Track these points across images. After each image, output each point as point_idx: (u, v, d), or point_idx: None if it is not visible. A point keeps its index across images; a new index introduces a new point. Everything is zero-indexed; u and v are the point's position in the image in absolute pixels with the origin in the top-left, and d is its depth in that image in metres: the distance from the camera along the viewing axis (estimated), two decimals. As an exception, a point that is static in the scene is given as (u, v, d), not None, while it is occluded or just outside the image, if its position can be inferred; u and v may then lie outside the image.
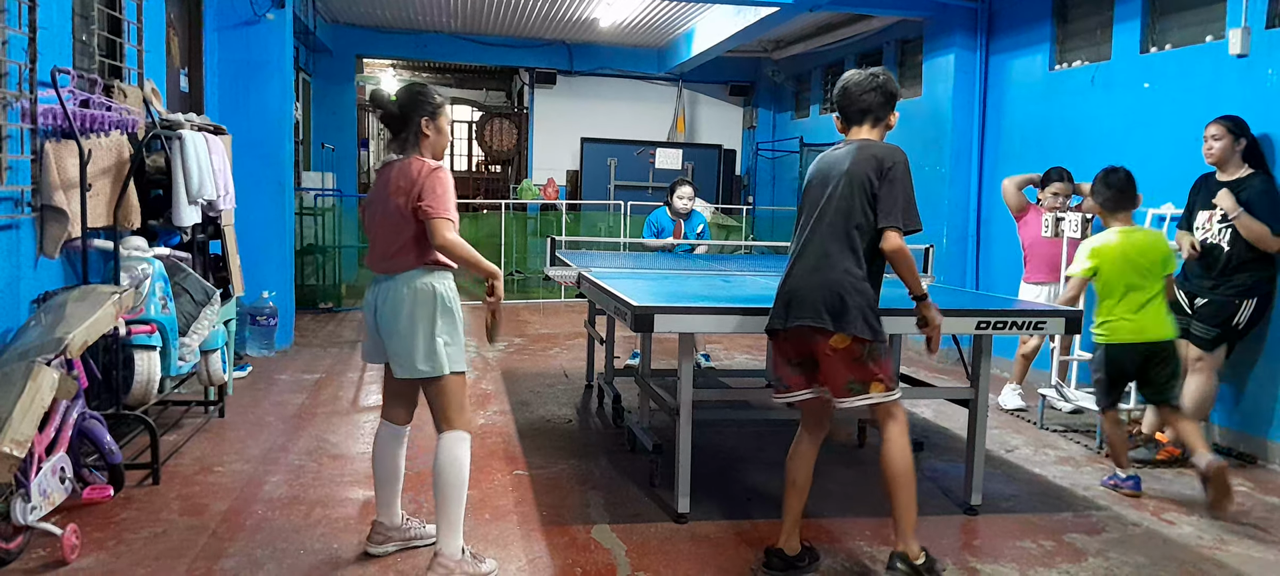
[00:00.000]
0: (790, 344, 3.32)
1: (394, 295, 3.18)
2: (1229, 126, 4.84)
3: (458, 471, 3.20)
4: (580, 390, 6.33)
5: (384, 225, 3.22)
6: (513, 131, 14.10)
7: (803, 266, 3.27)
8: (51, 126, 4.14)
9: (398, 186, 3.16)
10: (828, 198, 3.24)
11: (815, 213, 3.28)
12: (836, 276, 3.17)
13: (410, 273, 3.18)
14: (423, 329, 3.16)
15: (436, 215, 3.09)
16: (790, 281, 3.30)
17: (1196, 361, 4.86)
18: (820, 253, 3.22)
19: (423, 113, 3.24)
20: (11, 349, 3.41)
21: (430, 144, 3.28)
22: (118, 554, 3.38)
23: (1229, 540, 3.87)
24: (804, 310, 3.20)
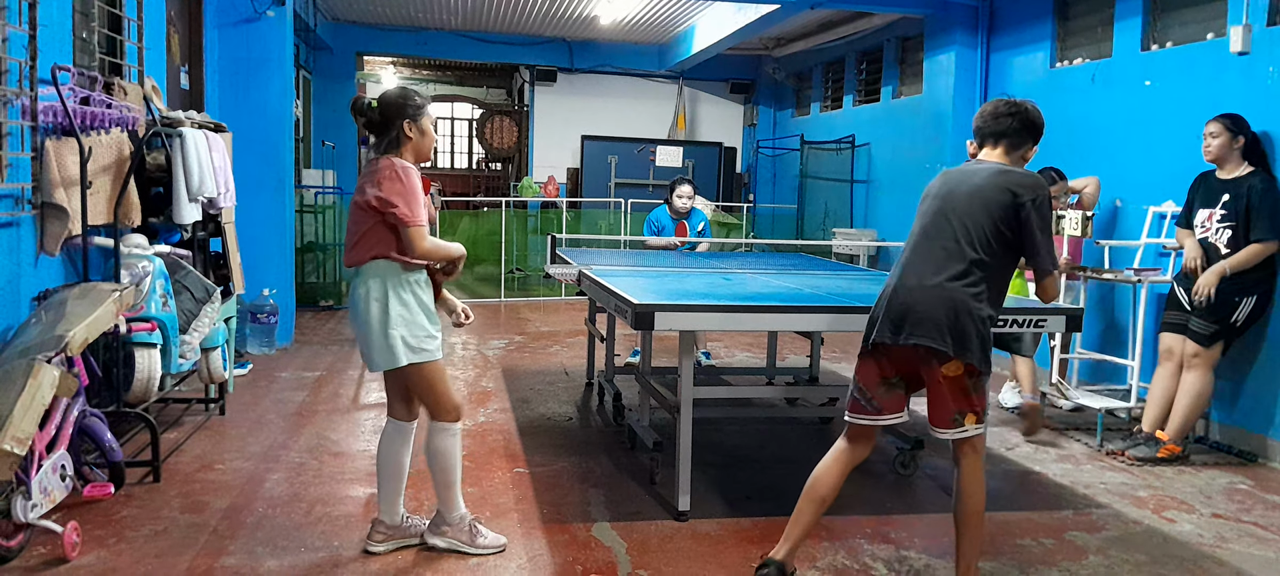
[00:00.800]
0: (892, 362, 3.08)
1: (355, 290, 3.27)
2: (1227, 124, 4.84)
3: (439, 459, 3.37)
4: (581, 388, 6.33)
5: (353, 219, 3.27)
6: (513, 129, 14.10)
7: (918, 281, 3.03)
8: (52, 124, 4.14)
9: (366, 186, 3.20)
10: (953, 213, 3.03)
11: (937, 226, 3.06)
12: (960, 298, 2.95)
13: (368, 266, 3.23)
14: (377, 321, 3.20)
15: (412, 222, 3.13)
16: (903, 294, 3.05)
17: (1192, 357, 4.86)
18: (941, 269, 3.00)
19: (404, 116, 3.25)
20: (12, 346, 3.41)
21: (413, 146, 3.29)
22: (118, 551, 3.38)
23: (1229, 538, 3.87)
24: (922, 328, 2.96)
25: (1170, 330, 5.02)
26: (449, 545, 3.43)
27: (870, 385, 3.13)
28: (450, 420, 3.36)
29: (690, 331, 3.81)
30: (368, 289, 3.22)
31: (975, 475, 3.04)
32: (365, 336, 3.25)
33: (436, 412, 3.34)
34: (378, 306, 3.21)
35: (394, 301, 3.21)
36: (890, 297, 3.10)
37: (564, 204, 11.68)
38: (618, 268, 5.29)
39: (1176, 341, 4.96)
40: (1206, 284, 4.72)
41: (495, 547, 3.47)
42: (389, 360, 3.23)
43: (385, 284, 3.21)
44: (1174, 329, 4.99)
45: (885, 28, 9.80)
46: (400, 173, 3.16)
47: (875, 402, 3.12)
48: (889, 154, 9.52)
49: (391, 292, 3.22)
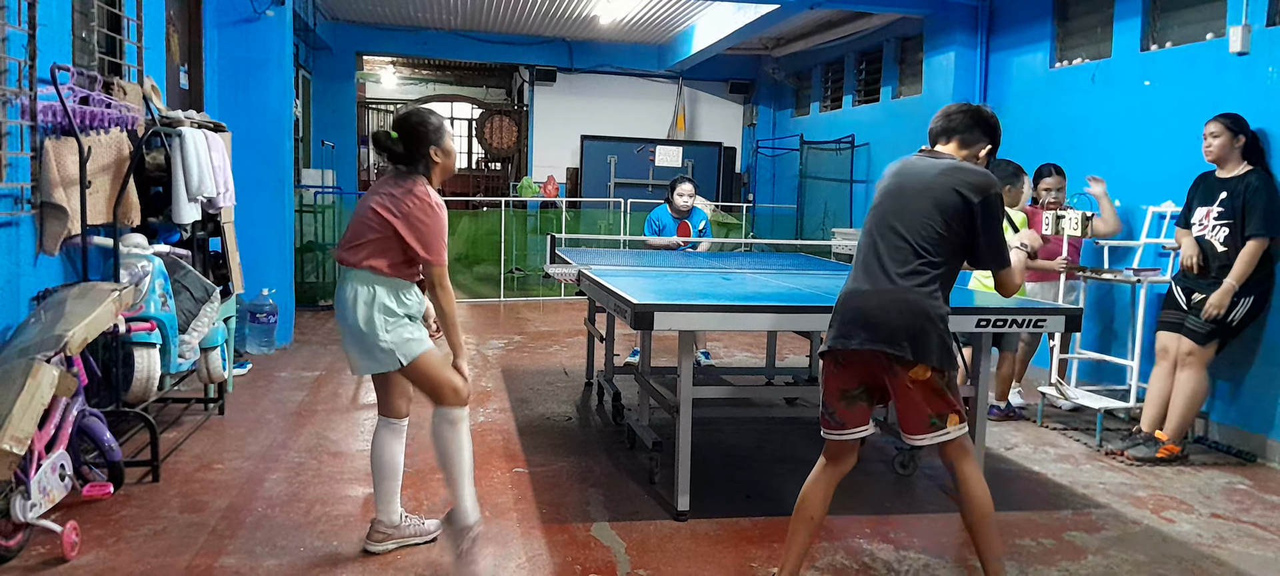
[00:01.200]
0: (852, 371, 2.95)
1: (344, 292, 3.23)
2: (1228, 124, 4.84)
3: (443, 445, 3.26)
4: (580, 387, 6.33)
5: (362, 220, 3.22)
6: (512, 129, 14.10)
7: (873, 283, 2.92)
8: (51, 123, 4.13)
9: (393, 196, 3.18)
10: (904, 211, 2.93)
11: (888, 225, 2.95)
12: (915, 300, 2.84)
13: (365, 271, 3.19)
14: (366, 326, 3.17)
15: (437, 261, 3.17)
16: (857, 298, 2.94)
17: (1187, 355, 4.86)
18: (896, 270, 2.88)
19: (429, 143, 3.25)
20: (11, 346, 3.41)
21: (441, 167, 3.30)
22: (118, 551, 3.38)
23: (1228, 538, 3.87)
24: (879, 334, 2.84)
25: (1166, 328, 5.02)
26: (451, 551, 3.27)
27: (831, 399, 3.00)
28: (454, 404, 3.26)
29: (689, 331, 3.82)
30: (356, 293, 3.19)
31: (975, 476, 2.95)
32: (355, 339, 3.22)
33: (439, 399, 3.27)
34: (366, 310, 3.17)
35: (378, 309, 3.18)
36: (844, 301, 2.99)
37: (563, 204, 11.69)
38: (617, 267, 5.29)
39: (1172, 340, 4.96)
40: (1219, 304, 4.71)
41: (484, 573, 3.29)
42: (382, 365, 3.21)
43: (375, 289, 3.19)
44: (1170, 327, 4.99)
45: (885, 28, 9.80)
46: (437, 210, 3.18)
47: (837, 416, 2.99)
48: (889, 154, 9.50)
49: (383, 299, 3.19)
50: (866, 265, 2.97)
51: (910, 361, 2.82)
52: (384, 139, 3.26)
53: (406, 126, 3.25)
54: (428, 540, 3.49)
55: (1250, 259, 4.68)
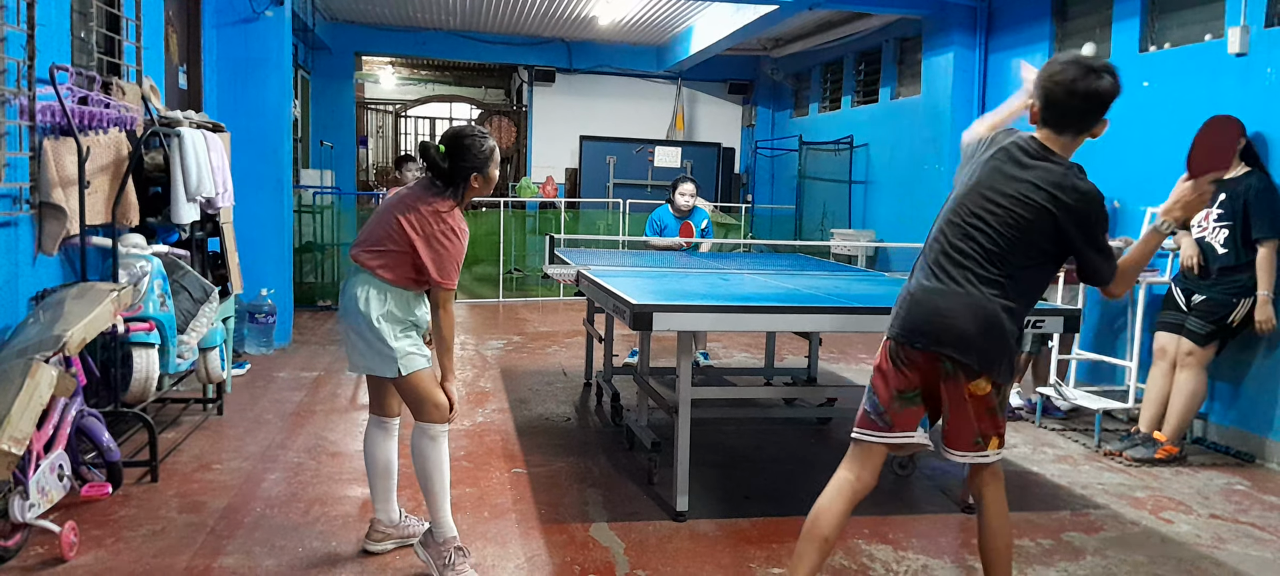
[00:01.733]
0: (916, 372, 2.70)
1: (351, 290, 3.19)
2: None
3: (425, 462, 3.22)
4: (579, 388, 6.33)
5: (385, 227, 3.18)
6: (512, 129, 14.10)
7: (950, 282, 2.64)
8: (50, 123, 4.13)
9: (421, 215, 3.13)
10: (994, 209, 2.61)
11: (973, 218, 2.64)
12: (994, 309, 2.59)
13: (381, 278, 3.16)
14: (376, 328, 3.14)
15: (447, 286, 3.15)
16: (932, 296, 2.67)
17: (1186, 356, 4.86)
18: (976, 273, 2.61)
19: (474, 167, 3.18)
20: (10, 346, 3.41)
21: (474, 192, 3.25)
22: (116, 551, 3.38)
23: (1227, 538, 3.87)
24: (949, 337, 2.60)
25: (1165, 329, 5.03)
26: (425, 562, 3.27)
27: (884, 396, 2.74)
28: (436, 420, 3.23)
29: (689, 332, 3.82)
30: (369, 295, 3.15)
31: (1001, 506, 2.76)
32: (361, 341, 3.17)
33: (424, 414, 3.22)
34: (377, 313, 3.14)
35: (396, 314, 3.18)
36: (914, 297, 2.72)
37: (562, 204, 11.68)
38: (616, 268, 5.30)
39: (1171, 340, 4.97)
40: (1267, 318, 4.68)
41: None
42: (387, 369, 3.17)
43: (386, 295, 3.16)
44: (1169, 328, 5.00)
45: (883, 28, 9.81)
46: (460, 237, 3.15)
47: (887, 416, 2.72)
48: (887, 154, 9.52)
49: (396, 303, 3.18)
50: (942, 261, 2.69)
51: (976, 372, 2.63)
52: (432, 152, 3.16)
53: (457, 144, 3.17)
54: None
55: (1270, 264, 4.67)
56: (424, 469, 3.23)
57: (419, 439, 3.23)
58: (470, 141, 3.18)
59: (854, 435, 2.79)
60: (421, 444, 3.23)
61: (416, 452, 3.24)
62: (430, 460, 3.22)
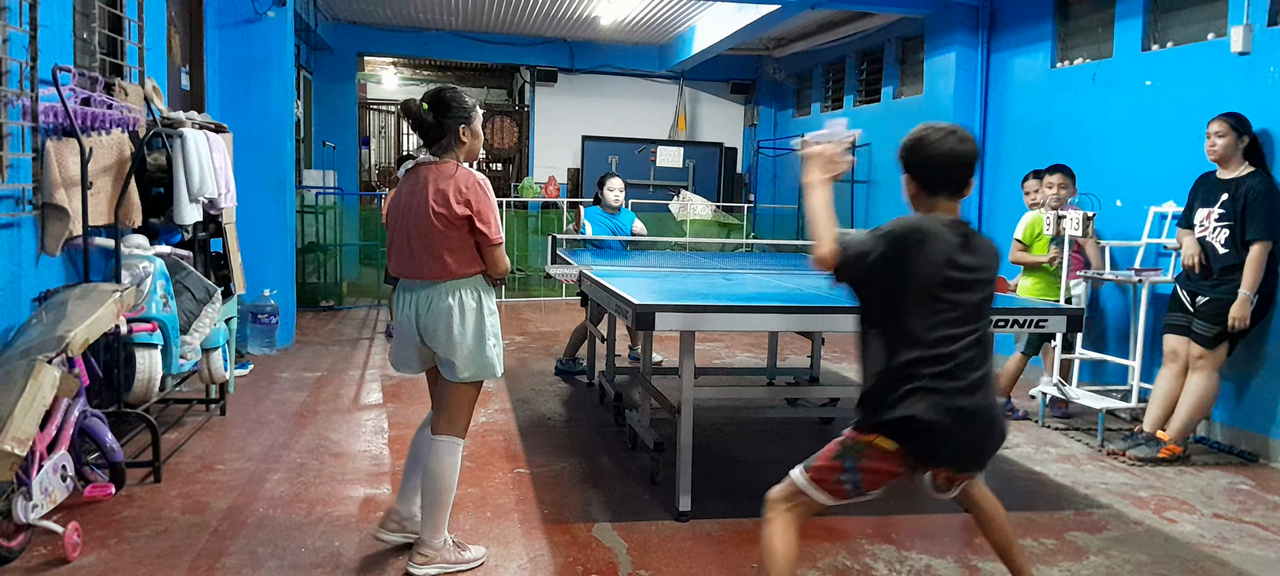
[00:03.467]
0: (919, 472, 2.65)
1: (440, 303, 3.18)
2: (1233, 124, 4.83)
3: (450, 477, 3.28)
4: (581, 388, 6.33)
5: (422, 232, 3.17)
6: (514, 129, 14.10)
7: (982, 397, 2.52)
8: (53, 124, 4.14)
9: (438, 192, 3.13)
10: (985, 302, 2.58)
11: (975, 315, 2.52)
12: (997, 406, 2.61)
13: (456, 282, 3.19)
14: (474, 335, 3.20)
15: (497, 241, 3.19)
16: (982, 421, 2.52)
17: (1197, 359, 4.85)
18: (987, 374, 2.56)
19: (459, 120, 3.22)
20: (13, 347, 3.41)
21: (466, 149, 3.27)
22: (119, 552, 3.39)
23: (1231, 538, 3.87)
24: (981, 459, 2.64)
25: (1174, 331, 5.01)
26: (440, 570, 3.28)
27: (871, 485, 2.61)
28: (463, 437, 3.33)
29: (691, 331, 3.81)
30: (462, 301, 3.18)
31: (991, 496, 2.90)
32: (458, 349, 3.18)
33: (458, 427, 3.30)
34: (475, 319, 3.19)
35: (489, 316, 3.25)
36: (968, 419, 2.49)
37: (565, 204, 11.68)
38: (618, 268, 5.29)
39: (1181, 343, 4.96)
40: (1241, 315, 4.68)
41: (479, 559, 3.39)
42: (486, 372, 3.23)
43: (480, 297, 3.23)
44: (1176, 330, 4.99)
45: (886, 28, 9.79)
46: (486, 189, 3.17)
47: (864, 492, 2.61)
48: (890, 155, 9.49)
49: (486, 306, 3.25)
50: (971, 368, 2.50)
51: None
52: (415, 109, 3.21)
53: (439, 100, 3.21)
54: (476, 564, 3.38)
55: (1258, 264, 4.66)
56: (445, 483, 3.25)
57: (444, 454, 3.26)
58: (452, 95, 3.24)
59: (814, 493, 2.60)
60: (446, 458, 3.26)
61: (439, 466, 3.25)
62: (452, 475, 3.27)
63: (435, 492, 3.26)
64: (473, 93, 17.17)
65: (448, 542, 3.33)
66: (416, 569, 3.27)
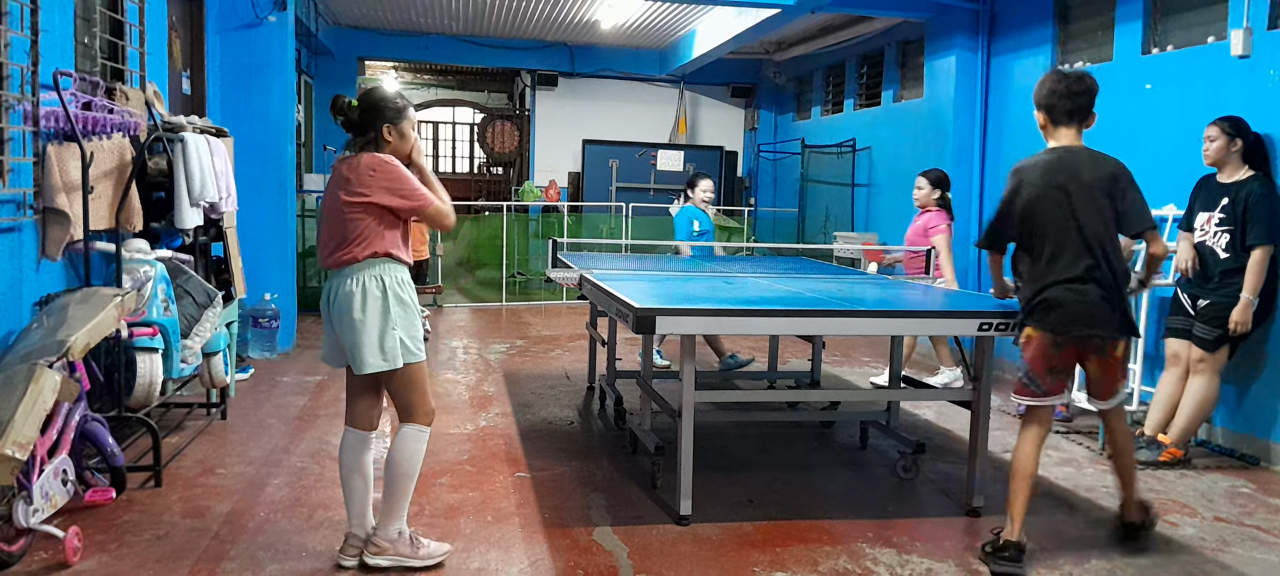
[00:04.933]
0: (1068, 352, 3.51)
1: (344, 290, 3.16)
2: (1226, 128, 4.84)
3: (410, 464, 3.25)
4: (582, 392, 6.33)
5: (332, 220, 3.19)
6: (514, 133, 14.11)
7: (1077, 276, 3.43)
8: (53, 129, 4.14)
9: (342, 179, 3.17)
10: (1080, 207, 3.46)
11: (1069, 222, 3.45)
12: (1113, 286, 3.43)
13: (357, 266, 3.15)
14: (376, 322, 3.13)
15: (419, 204, 3.17)
16: (1074, 291, 3.44)
17: (1198, 362, 4.85)
18: (1095, 262, 3.43)
19: (383, 120, 3.22)
20: (14, 351, 3.42)
21: (392, 149, 3.25)
22: (120, 556, 3.38)
23: (1232, 542, 3.86)
24: (1096, 321, 3.43)
25: (1175, 335, 5.01)
26: (392, 563, 3.26)
27: (1039, 372, 3.52)
28: (426, 422, 3.28)
29: (691, 335, 3.81)
30: (364, 287, 3.12)
31: (1124, 426, 3.74)
32: (358, 337, 3.12)
33: (414, 414, 3.25)
34: (377, 305, 3.12)
35: (394, 301, 3.15)
36: (1068, 293, 3.43)
37: (565, 208, 11.69)
38: (619, 271, 5.30)
39: (1182, 346, 4.95)
40: (1242, 320, 4.68)
41: (440, 555, 3.36)
42: (388, 361, 3.14)
43: (384, 283, 3.15)
44: (1179, 334, 4.98)
45: (886, 31, 9.80)
46: (388, 165, 3.15)
47: (1042, 385, 3.52)
48: (890, 157, 9.51)
49: (391, 292, 3.15)
50: (1068, 261, 3.45)
51: (1118, 339, 3.51)
52: (343, 104, 3.24)
53: (367, 99, 3.26)
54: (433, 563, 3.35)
55: (1259, 268, 4.66)
56: (406, 470, 3.23)
57: (409, 440, 3.24)
58: (380, 94, 3.27)
59: (1017, 399, 3.61)
60: (410, 444, 3.24)
61: (400, 453, 3.23)
62: (414, 460, 3.24)
63: (393, 477, 3.24)
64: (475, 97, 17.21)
65: (404, 535, 3.29)
66: (370, 558, 3.27)
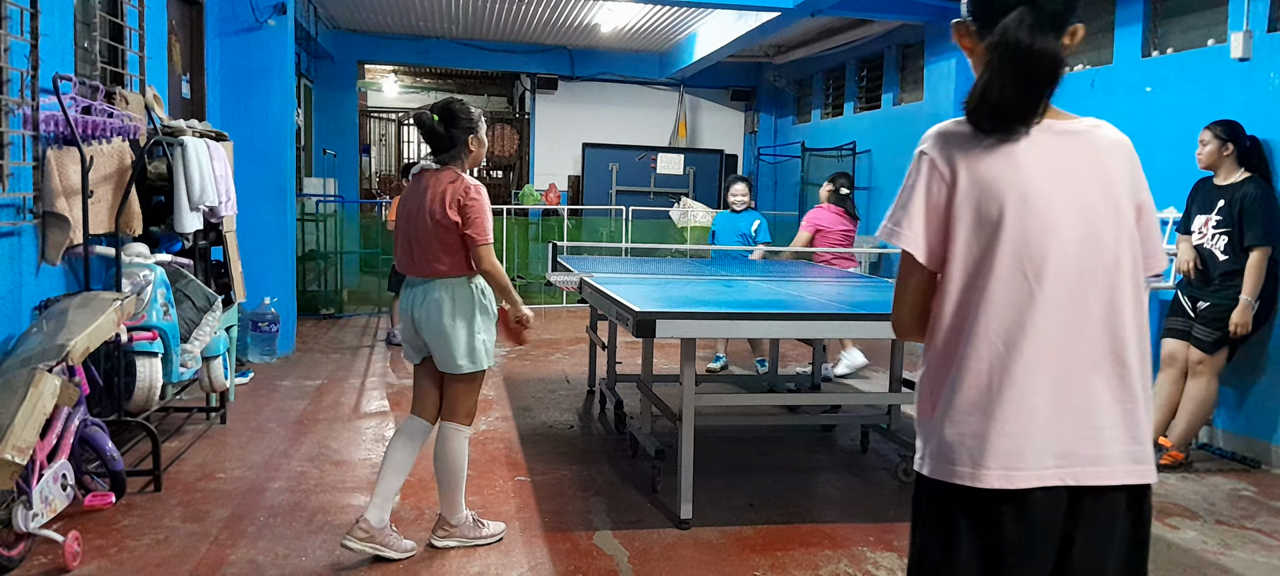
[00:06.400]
0: None
1: (433, 298, 3.42)
2: (1217, 132, 4.84)
3: (457, 459, 3.51)
4: (582, 395, 6.32)
5: (422, 233, 3.41)
6: (514, 137, 14.11)
7: None
8: (53, 133, 4.14)
9: (437, 196, 3.37)
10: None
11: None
12: None
13: (449, 279, 3.41)
14: (464, 327, 3.42)
15: (484, 242, 3.38)
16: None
17: (1197, 365, 4.85)
18: None
19: (467, 130, 3.48)
20: (14, 355, 3.41)
21: (472, 156, 3.53)
22: (119, 560, 3.38)
23: (1233, 545, 3.86)
24: None
25: (1173, 336, 5.01)
26: (459, 543, 3.56)
27: None
28: (467, 423, 3.54)
29: (691, 339, 3.81)
30: (454, 295, 3.40)
31: None
32: (448, 340, 3.39)
33: (460, 415, 3.51)
34: (465, 312, 3.41)
35: (479, 311, 3.45)
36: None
37: (565, 211, 11.68)
38: (619, 275, 5.29)
39: (1180, 347, 4.95)
40: (1242, 321, 4.68)
41: (497, 534, 3.66)
42: (475, 363, 3.43)
43: (471, 291, 3.44)
44: (1177, 335, 4.98)
45: (886, 35, 9.81)
46: (480, 192, 3.39)
47: None
48: (890, 160, 9.51)
49: (478, 300, 3.45)
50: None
51: None
52: (427, 119, 3.45)
53: (449, 111, 3.46)
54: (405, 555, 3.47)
55: (1258, 270, 4.66)
56: (455, 464, 3.50)
57: (452, 437, 3.49)
58: (460, 106, 3.51)
59: None
60: (451, 442, 3.49)
61: (447, 449, 3.49)
62: (459, 456, 3.50)
63: (446, 475, 3.51)
64: (475, 101, 17.21)
65: (468, 519, 3.59)
66: (438, 541, 3.55)
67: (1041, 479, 1.59)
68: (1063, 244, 1.60)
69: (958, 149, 1.67)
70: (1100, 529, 1.65)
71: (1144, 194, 1.73)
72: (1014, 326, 1.60)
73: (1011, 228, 1.60)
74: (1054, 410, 1.60)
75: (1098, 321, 1.62)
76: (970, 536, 1.63)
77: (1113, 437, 1.63)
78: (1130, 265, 1.64)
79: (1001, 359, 1.60)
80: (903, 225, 1.69)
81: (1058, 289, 1.60)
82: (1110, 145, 1.70)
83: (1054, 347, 1.60)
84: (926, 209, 1.67)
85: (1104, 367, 1.63)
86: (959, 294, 1.65)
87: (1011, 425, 1.59)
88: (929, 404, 1.71)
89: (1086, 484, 1.61)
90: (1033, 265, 1.59)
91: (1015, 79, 1.61)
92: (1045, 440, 1.60)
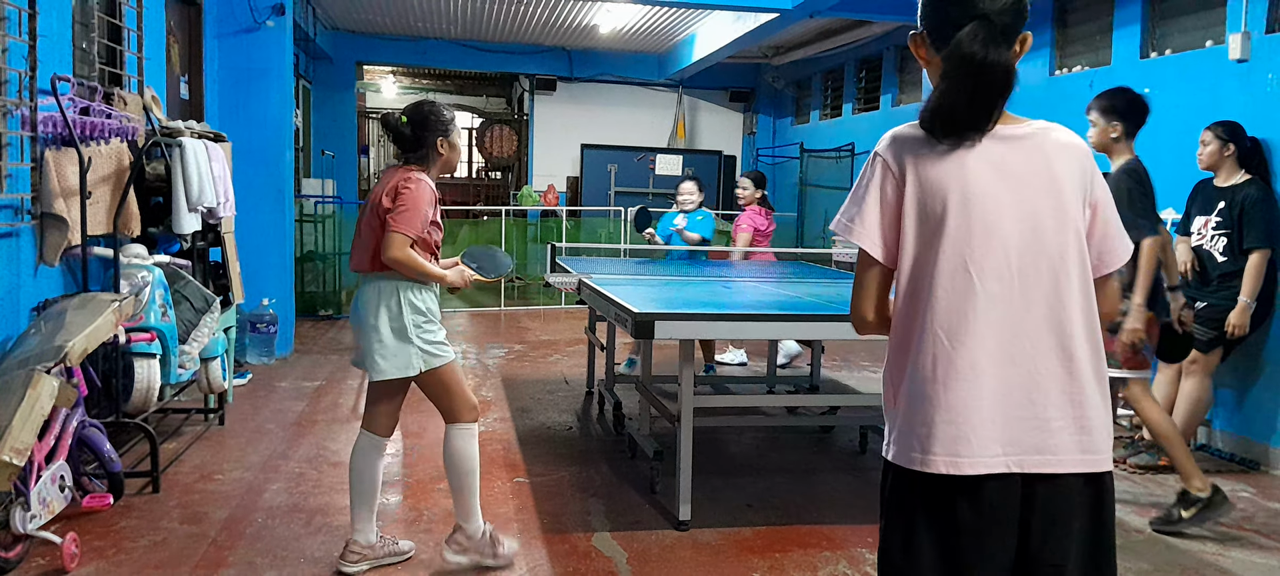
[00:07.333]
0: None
1: (364, 296, 3.24)
2: (1218, 133, 4.84)
3: (466, 462, 3.31)
4: (581, 397, 6.32)
5: (362, 225, 3.28)
6: (513, 138, 14.12)
7: None
8: (51, 134, 4.13)
9: (385, 189, 3.21)
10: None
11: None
12: None
13: (379, 274, 3.20)
14: (390, 328, 3.18)
15: (398, 228, 3.09)
16: None
17: (1191, 364, 4.85)
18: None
19: (437, 133, 3.29)
20: (11, 357, 3.41)
21: (444, 160, 3.34)
22: (117, 562, 3.37)
23: (1231, 546, 3.86)
24: None
25: (1171, 337, 5.01)
26: (471, 561, 3.37)
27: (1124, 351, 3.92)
28: (469, 419, 3.32)
29: (690, 340, 3.81)
30: (380, 293, 3.19)
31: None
32: (373, 343, 3.18)
33: (455, 413, 3.30)
34: (390, 313, 3.18)
35: (407, 309, 3.19)
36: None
37: (564, 212, 11.69)
38: (618, 276, 5.29)
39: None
40: (1240, 323, 4.68)
41: (512, 554, 3.45)
42: (402, 369, 3.19)
43: (398, 289, 3.19)
44: (1175, 336, 4.98)
45: (884, 36, 9.82)
46: (418, 185, 3.17)
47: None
48: (888, 162, 9.51)
49: (406, 299, 3.19)
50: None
51: None
52: (394, 122, 3.29)
53: (418, 114, 3.29)
54: (403, 558, 3.43)
55: (1257, 272, 4.66)
56: (464, 468, 3.30)
57: (457, 439, 3.29)
58: (430, 109, 3.31)
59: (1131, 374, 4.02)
60: (460, 443, 3.29)
61: (454, 453, 3.29)
62: (470, 458, 3.30)
63: (454, 478, 3.32)
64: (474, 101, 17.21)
65: (485, 533, 3.37)
66: (451, 554, 3.37)
67: (989, 466, 1.66)
68: (1004, 241, 1.68)
69: (909, 152, 1.76)
70: (1057, 517, 1.70)
71: (1099, 192, 1.78)
72: (957, 320, 1.68)
73: (953, 226, 1.69)
74: (999, 400, 1.67)
75: (1041, 316, 1.68)
76: (928, 522, 1.72)
77: (1061, 427, 1.68)
78: (1077, 262, 1.70)
79: (946, 351, 1.68)
80: (857, 221, 1.78)
81: (999, 285, 1.67)
82: (1058, 147, 1.76)
83: (996, 341, 1.67)
84: (880, 207, 1.77)
85: (1050, 360, 1.68)
86: (909, 288, 1.75)
87: (956, 413, 1.67)
88: (891, 393, 1.81)
89: (1034, 471, 1.68)
90: (975, 262, 1.68)
91: (970, 90, 1.69)
92: (991, 429, 1.67)
